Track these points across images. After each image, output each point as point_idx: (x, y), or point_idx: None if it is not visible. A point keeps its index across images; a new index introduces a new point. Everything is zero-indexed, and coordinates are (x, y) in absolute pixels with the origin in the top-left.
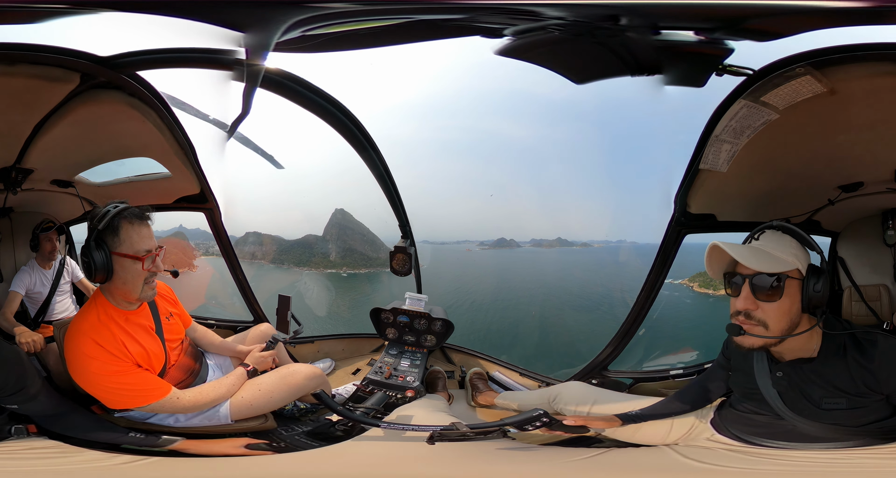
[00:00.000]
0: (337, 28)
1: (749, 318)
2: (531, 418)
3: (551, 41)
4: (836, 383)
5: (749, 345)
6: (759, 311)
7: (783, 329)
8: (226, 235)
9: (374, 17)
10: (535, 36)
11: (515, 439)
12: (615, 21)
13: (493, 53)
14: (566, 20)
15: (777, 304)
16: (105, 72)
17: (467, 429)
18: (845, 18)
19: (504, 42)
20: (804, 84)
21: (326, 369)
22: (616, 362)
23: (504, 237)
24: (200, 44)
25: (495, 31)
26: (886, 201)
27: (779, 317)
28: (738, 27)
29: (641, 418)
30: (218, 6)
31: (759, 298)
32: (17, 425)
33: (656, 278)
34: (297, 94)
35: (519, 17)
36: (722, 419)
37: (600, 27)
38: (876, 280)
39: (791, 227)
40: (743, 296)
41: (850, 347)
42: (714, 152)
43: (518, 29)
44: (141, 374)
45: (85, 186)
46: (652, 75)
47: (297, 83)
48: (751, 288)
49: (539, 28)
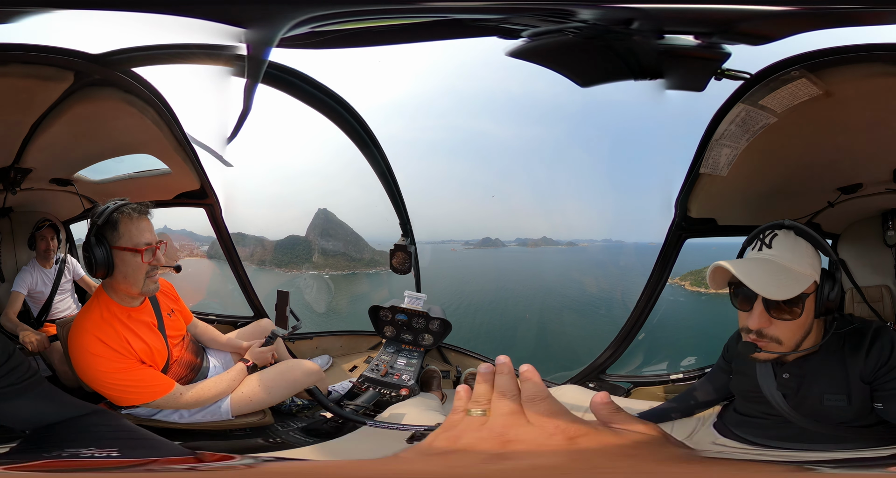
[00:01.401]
0: (342, 26)
1: (762, 336)
2: None
3: (563, 44)
4: (836, 377)
5: (763, 359)
6: (773, 327)
7: (797, 341)
8: (226, 232)
9: (386, 16)
10: (551, 38)
11: None
12: (628, 25)
13: (505, 55)
14: (586, 23)
15: (794, 321)
16: (99, 69)
17: None
18: (830, 21)
19: (518, 43)
20: (800, 87)
21: (324, 366)
22: (615, 366)
23: (489, 237)
24: (200, 40)
25: (513, 33)
26: (886, 202)
27: (794, 331)
28: (733, 31)
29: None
30: (216, 2)
31: (773, 315)
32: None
33: (657, 282)
34: (296, 88)
35: (550, 19)
36: (726, 423)
37: (613, 31)
38: (877, 281)
39: (805, 228)
40: (756, 314)
41: (847, 338)
42: (714, 156)
43: (536, 31)
44: (145, 370)
45: (84, 183)
46: (654, 79)
47: (297, 77)
48: (765, 305)
49: (556, 30)
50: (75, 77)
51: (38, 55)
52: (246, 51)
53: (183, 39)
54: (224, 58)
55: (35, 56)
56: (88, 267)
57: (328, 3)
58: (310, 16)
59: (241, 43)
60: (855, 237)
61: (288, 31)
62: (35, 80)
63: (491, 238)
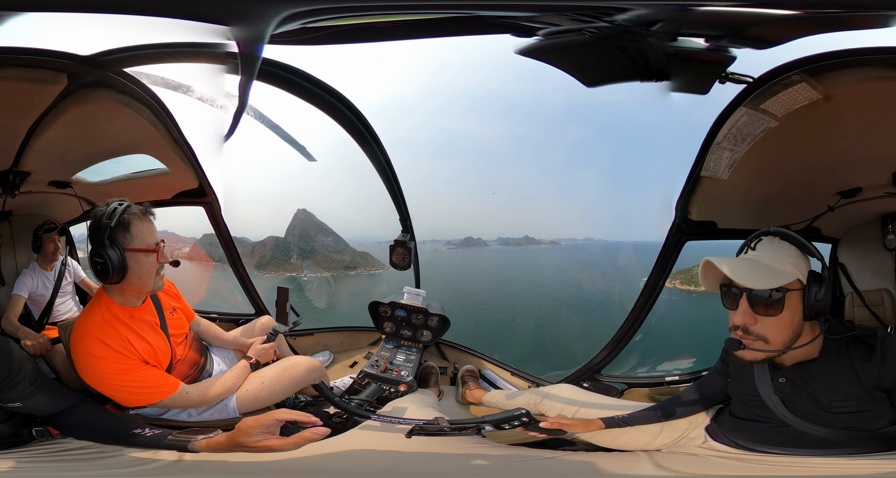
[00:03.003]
0: (336, 22)
1: (748, 333)
2: (512, 418)
3: (576, 44)
4: (842, 384)
5: (750, 358)
6: (759, 325)
7: (785, 342)
8: (226, 229)
9: (386, 12)
10: (566, 38)
11: (486, 437)
12: (650, 26)
13: (514, 53)
14: (613, 23)
15: (777, 318)
16: (92, 70)
17: (447, 425)
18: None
19: (530, 42)
20: (800, 91)
21: (325, 362)
22: (610, 367)
23: (471, 236)
24: (189, 38)
25: (528, 31)
26: (885, 206)
27: (780, 330)
28: (742, 34)
29: (629, 422)
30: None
31: (757, 312)
32: (37, 428)
33: (655, 284)
34: (296, 86)
35: (582, 18)
36: (719, 426)
37: (632, 32)
38: (878, 285)
39: (789, 233)
40: (741, 311)
41: (851, 346)
42: (715, 160)
43: (554, 30)
44: (149, 371)
45: (83, 185)
46: (660, 82)
47: (297, 75)
48: (749, 302)
49: (575, 30)
50: (69, 79)
51: (31, 58)
52: (237, 48)
53: (172, 39)
54: (215, 56)
55: (28, 59)
56: (101, 273)
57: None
58: (294, 11)
59: (229, 40)
60: (855, 241)
61: (276, 28)
62: (30, 83)
63: (473, 238)
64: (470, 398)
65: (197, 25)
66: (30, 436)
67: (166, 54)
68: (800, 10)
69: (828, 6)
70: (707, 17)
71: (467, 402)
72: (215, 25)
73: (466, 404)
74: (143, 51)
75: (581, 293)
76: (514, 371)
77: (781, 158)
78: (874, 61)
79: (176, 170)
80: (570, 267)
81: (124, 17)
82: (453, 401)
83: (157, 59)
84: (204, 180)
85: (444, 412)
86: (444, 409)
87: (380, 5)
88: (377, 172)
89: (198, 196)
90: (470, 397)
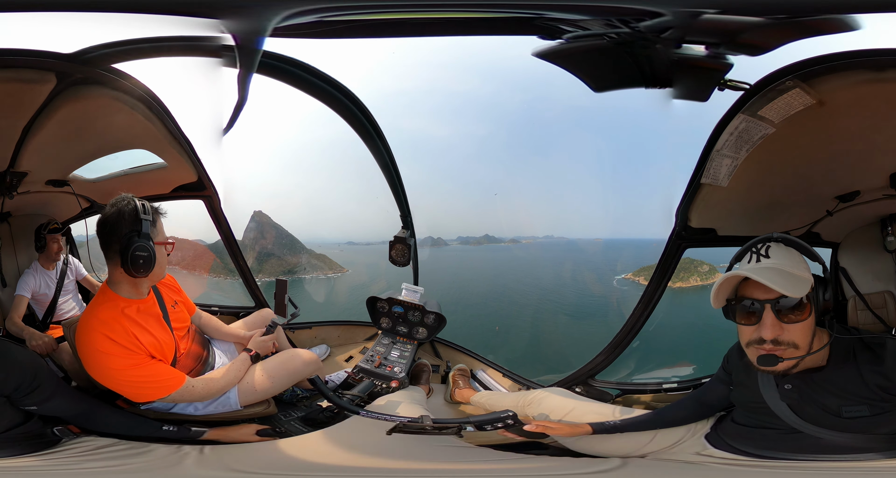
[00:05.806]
0: (340, 17)
1: (778, 344)
2: (497, 419)
3: (594, 49)
4: (851, 390)
5: (784, 368)
6: (786, 333)
7: (809, 342)
8: (226, 222)
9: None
10: (587, 42)
11: (462, 437)
12: (661, 33)
13: (532, 55)
14: (636, 29)
15: (804, 322)
16: (79, 68)
17: (429, 424)
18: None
19: (550, 45)
20: (795, 97)
21: (322, 355)
22: (604, 373)
23: (431, 236)
24: (182, 32)
25: (555, 33)
26: (884, 208)
27: (806, 333)
28: (735, 41)
29: (622, 428)
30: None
31: (784, 320)
32: (59, 427)
33: (655, 291)
34: (299, 79)
35: (616, 23)
36: (721, 434)
37: (645, 38)
38: (880, 287)
39: (794, 239)
40: (769, 323)
41: (859, 351)
42: (716, 167)
43: (578, 34)
44: (156, 365)
45: (80, 183)
46: (663, 88)
47: (300, 68)
48: (775, 313)
49: (599, 35)
50: (57, 78)
51: (16, 59)
52: (233, 42)
53: (162, 33)
54: (211, 50)
55: (13, 60)
56: (145, 266)
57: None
58: (292, 12)
59: (223, 33)
60: (855, 245)
61: (275, 24)
62: (18, 83)
63: (433, 237)
64: (459, 398)
65: (193, 20)
66: (54, 436)
67: (155, 49)
68: (766, 17)
69: (796, 13)
70: (712, 23)
71: (455, 401)
72: (210, 20)
73: (455, 403)
74: (130, 46)
75: (544, 294)
76: (505, 372)
77: (779, 165)
78: (861, 65)
79: (174, 164)
80: (538, 265)
81: (108, 15)
82: (442, 399)
83: (146, 54)
84: (203, 174)
85: (430, 411)
86: (431, 407)
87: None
88: (379, 167)
89: (197, 190)
90: (459, 397)
